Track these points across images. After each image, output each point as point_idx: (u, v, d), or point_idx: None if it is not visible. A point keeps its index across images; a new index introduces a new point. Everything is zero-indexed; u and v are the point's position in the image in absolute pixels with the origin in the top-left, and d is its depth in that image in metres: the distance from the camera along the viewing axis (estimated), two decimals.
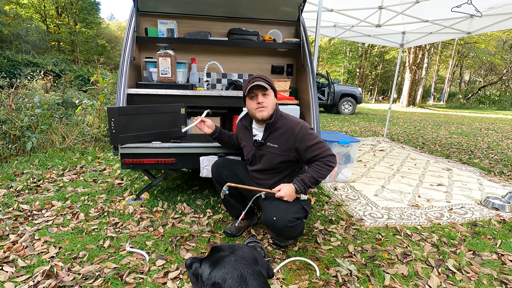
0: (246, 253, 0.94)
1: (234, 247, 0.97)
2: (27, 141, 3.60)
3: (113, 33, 30.18)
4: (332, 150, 1.79)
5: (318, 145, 1.74)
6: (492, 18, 4.14)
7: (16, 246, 1.78)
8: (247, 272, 0.87)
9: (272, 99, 1.81)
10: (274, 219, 1.69)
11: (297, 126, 1.78)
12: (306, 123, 1.82)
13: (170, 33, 2.74)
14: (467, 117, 13.87)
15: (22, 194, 2.58)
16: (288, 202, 1.76)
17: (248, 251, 0.95)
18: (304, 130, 1.77)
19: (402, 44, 5.79)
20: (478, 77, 30.77)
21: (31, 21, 18.21)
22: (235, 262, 0.89)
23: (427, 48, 20.00)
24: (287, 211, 1.71)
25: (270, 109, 1.79)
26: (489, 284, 1.61)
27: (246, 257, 0.92)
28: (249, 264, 0.90)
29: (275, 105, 1.84)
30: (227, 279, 0.85)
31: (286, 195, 1.72)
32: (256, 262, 0.93)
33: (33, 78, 7.40)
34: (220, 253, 0.93)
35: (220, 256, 0.92)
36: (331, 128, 7.63)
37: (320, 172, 1.73)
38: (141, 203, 2.46)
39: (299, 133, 1.76)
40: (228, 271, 0.87)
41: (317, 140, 1.76)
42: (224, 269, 0.87)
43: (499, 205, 2.65)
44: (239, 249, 0.95)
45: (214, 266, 0.89)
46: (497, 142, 6.38)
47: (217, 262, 0.90)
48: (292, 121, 1.82)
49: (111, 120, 2.01)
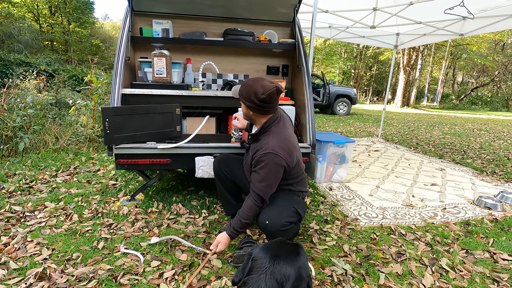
0: (287, 266, 0.95)
1: (291, 252, 1.01)
2: (20, 142, 3.55)
3: (107, 33, 29.91)
4: (268, 192, 1.67)
5: (261, 179, 1.65)
6: (484, 20, 4.21)
7: (8, 248, 1.75)
8: (269, 272, 0.91)
9: (245, 111, 1.77)
10: (267, 223, 1.68)
11: (264, 149, 1.64)
12: (277, 154, 1.63)
13: (165, 33, 2.73)
14: (460, 117, 14.05)
15: (14, 195, 2.55)
16: (282, 205, 1.75)
17: (291, 267, 0.96)
18: (264, 157, 1.63)
19: (396, 46, 5.85)
20: (471, 78, 31.21)
21: (23, 20, 17.93)
22: (270, 262, 0.94)
23: (420, 49, 20.24)
24: (281, 215, 1.69)
25: (242, 119, 1.81)
26: (482, 282, 1.64)
27: (282, 267, 0.94)
28: (278, 273, 0.92)
29: (251, 115, 1.75)
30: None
31: (221, 243, 1.66)
32: (287, 280, 0.92)
33: (25, 78, 7.30)
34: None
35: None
36: (326, 129, 7.67)
37: (245, 213, 1.66)
38: (135, 204, 2.45)
39: (258, 153, 1.67)
40: (260, 261, 0.94)
41: (265, 175, 1.64)
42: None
43: (491, 204, 2.68)
44: (289, 257, 0.98)
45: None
46: (489, 143, 6.48)
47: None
48: (268, 142, 1.66)
49: (106, 121, 2.00)
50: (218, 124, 3.09)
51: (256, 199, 1.67)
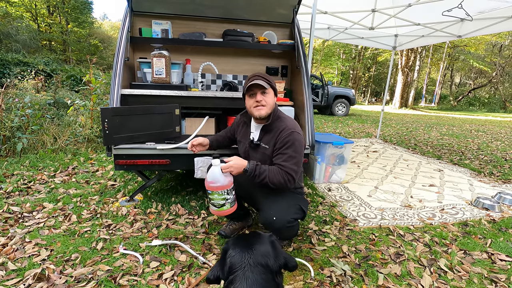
0: (261, 246, 1.02)
1: (255, 236, 1.08)
2: (18, 142, 3.54)
3: (106, 33, 29.86)
4: (297, 174, 1.67)
5: (290, 158, 1.67)
6: (481, 22, 4.23)
7: (6, 249, 1.74)
8: (251, 263, 0.95)
9: (272, 98, 1.77)
10: (274, 219, 1.69)
11: (286, 130, 1.71)
12: (299, 133, 1.73)
13: (164, 33, 2.73)
14: (457, 119, 14.11)
15: (12, 195, 2.54)
16: (287, 202, 1.76)
17: (264, 245, 1.03)
18: (290, 136, 1.69)
19: (395, 47, 5.88)
20: (468, 79, 31.37)
21: (21, 20, 17.88)
22: (247, 252, 0.98)
23: (419, 51, 20.32)
24: (287, 212, 1.71)
25: (269, 108, 1.76)
26: (480, 282, 1.65)
27: (259, 249, 1.00)
28: (258, 256, 0.97)
29: (274, 104, 1.81)
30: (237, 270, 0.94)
31: (233, 166, 1.63)
32: (268, 255, 0.99)
33: (23, 78, 7.27)
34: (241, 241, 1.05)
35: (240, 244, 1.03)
36: (325, 130, 7.69)
37: (274, 177, 1.64)
38: (134, 205, 2.44)
39: (282, 135, 1.71)
40: (238, 260, 0.97)
41: (293, 153, 1.67)
42: (236, 258, 0.97)
43: (489, 205, 2.70)
44: (258, 240, 1.05)
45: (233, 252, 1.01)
46: (486, 144, 6.51)
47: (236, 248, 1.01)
48: (286, 124, 1.75)
49: (105, 121, 1.99)
50: (217, 125, 3.09)
51: (287, 178, 1.65)
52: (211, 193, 1.62)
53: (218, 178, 1.59)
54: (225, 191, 1.61)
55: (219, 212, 1.67)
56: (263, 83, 1.70)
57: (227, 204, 1.64)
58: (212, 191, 1.60)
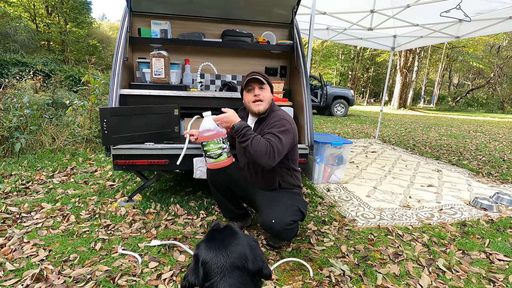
0: (238, 248, 0.95)
1: (229, 236, 0.99)
2: (16, 142, 3.52)
3: (104, 33, 29.82)
4: (280, 153, 1.65)
5: (276, 137, 1.67)
6: (480, 23, 4.25)
7: (4, 249, 1.73)
8: (227, 265, 0.89)
9: (269, 93, 1.86)
10: (273, 222, 1.69)
11: (277, 116, 1.80)
12: (289, 121, 1.78)
13: (163, 33, 2.72)
14: (456, 119, 14.16)
15: (10, 196, 2.53)
16: (286, 204, 1.77)
17: (241, 246, 0.96)
18: (280, 121, 1.75)
19: (393, 47, 5.89)
20: (467, 80, 31.47)
21: (20, 20, 17.84)
22: (222, 256, 0.91)
23: (417, 51, 20.37)
24: (286, 214, 1.71)
25: (266, 103, 1.84)
26: (478, 282, 1.65)
27: (235, 251, 0.93)
28: (235, 259, 0.91)
29: (270, 100, 1.89)
30: (213, 273, 0.89)
31: (225, 120, 1.69)
32: (246, 259, 0.93)
33: (22, 78, 7.24)
34: (215, 242, 0.97)
35: (214, 243, 0.96)
36: (323, 130, 7.70)
37: (257, 144, 1.60)
38: (133, 205, 2.44)
39: (272, 120, 1.79)
40: (213, 266, 0.90)
41: (279, 135, 1.68)
42: (211, 261, 0.91)
43: (487, 205, 2.71)
44: (233, 241, 0.97)
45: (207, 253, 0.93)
46: (485, 144, 6.54)
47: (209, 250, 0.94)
48: (278, 114, 1.83)
49: (104, 121, 1.99)
50: None
51: (269, 151, 1.61)
52: (206, 144, 1.62)
53: (212, 127, 1.61)
54: (220, 139, 1.63)
55: (216, 163, 1.66)
56: (261, 78, 1.79)
57: (224, 154, 1.65)
58: (208, 141, 1.61)
